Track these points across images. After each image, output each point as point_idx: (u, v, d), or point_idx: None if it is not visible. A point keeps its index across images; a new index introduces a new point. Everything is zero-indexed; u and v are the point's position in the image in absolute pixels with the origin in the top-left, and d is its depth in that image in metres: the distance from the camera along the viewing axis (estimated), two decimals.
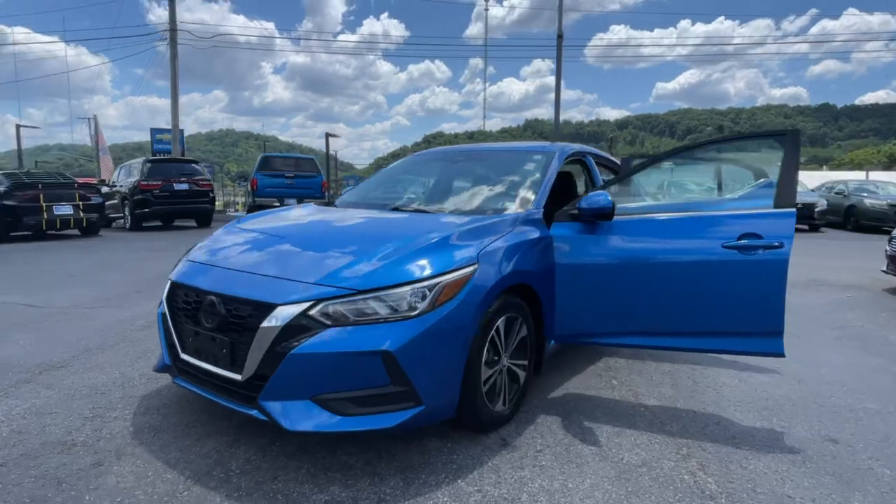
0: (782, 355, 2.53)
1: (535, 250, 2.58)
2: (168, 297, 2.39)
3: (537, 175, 3.09)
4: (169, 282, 2.42)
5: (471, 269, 2.16)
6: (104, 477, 1.95)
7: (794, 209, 2.49)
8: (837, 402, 2.79)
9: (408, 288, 2.01)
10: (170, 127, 20.90)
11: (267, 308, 1.98)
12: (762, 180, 2.98)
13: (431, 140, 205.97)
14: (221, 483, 1.93)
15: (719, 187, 3.48)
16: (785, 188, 2.53)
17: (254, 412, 1.99)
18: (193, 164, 13.48)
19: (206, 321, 2.17)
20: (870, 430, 2.47)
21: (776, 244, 2.44)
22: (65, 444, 2.20)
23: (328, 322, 1.94)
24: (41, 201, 9.97)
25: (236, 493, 1.87)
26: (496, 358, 2.37)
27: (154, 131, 22.37)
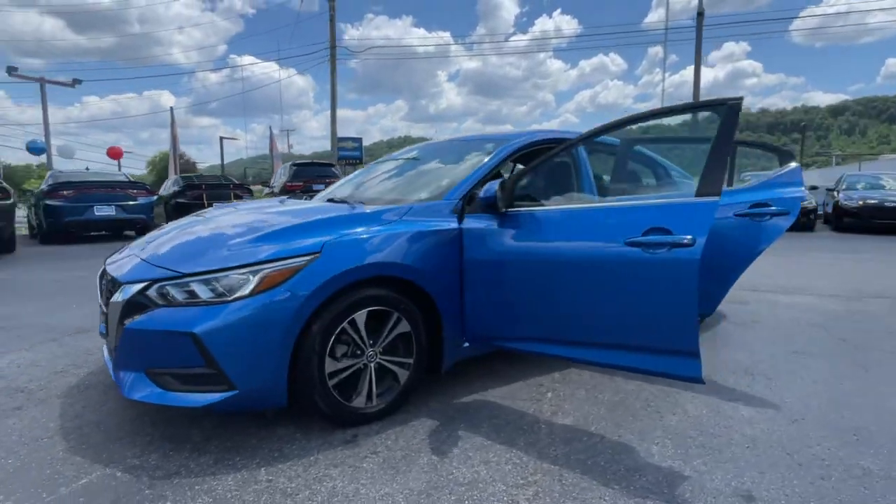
0: (700, 381, 2.03)
1: (426, 242, 2.42)
2: (99, 277, 2.77)
3: (470, 165, 2.89)
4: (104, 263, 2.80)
5: (306, 258, 2.12)
6: (9, 419, 2.36)
7: (717, 199, 1.97)
8: (818, 455, 2.12)
9: (230, 273, 2.06)
10: (353, 135, 23.19)
11: (118, 285, 2.20)
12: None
13: None
14: (78, 437, 2.20)
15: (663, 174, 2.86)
16: (710, 172, 2.01)
17: (115, 378, 2.22)
18: (332, 168, 14.94)
19: (104, 296, 2.48)
20: (820, 495, 1.84)
21: (685, 241, 1.97)
22: (17, 389, 2.69)
23: (161, 302, 2.08)
24: (204, 199, 11.96)
25: (75, 445, 2.12)
26: (358, 352, 2.29)
27: (339, 139, 24.53)
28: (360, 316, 2.25)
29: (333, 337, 2.19)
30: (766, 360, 3.24)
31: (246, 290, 2.03)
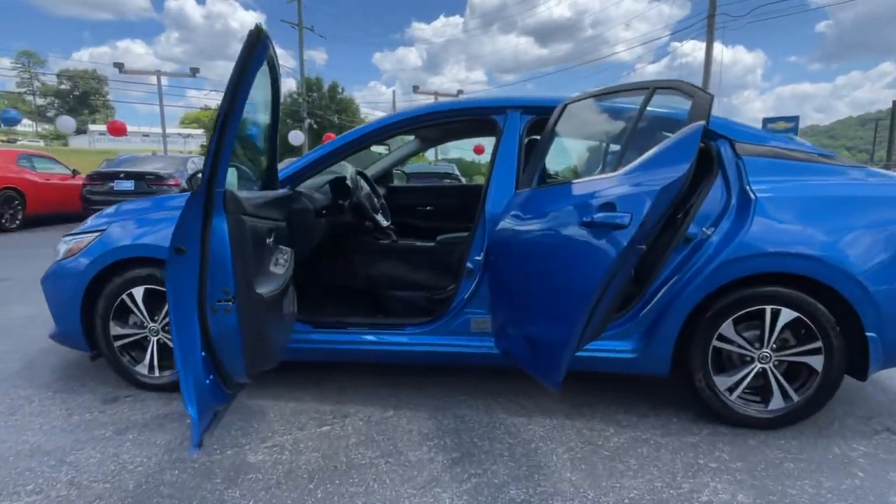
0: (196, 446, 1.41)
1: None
2: None
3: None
4: None
5: (94, 235, 2.49)
6: None
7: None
8: None
9: (66, 239, 2.63)
10: (786, 115, 19.71)
11: None
12: None
13: None
14: None
15: None
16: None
17: None
18: None
19: None
20: None
21: None
22: None
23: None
24: None
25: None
26: (143, 324, 2.50)
27: (766, 120, 21.20)
28: (138, 291, 2.46)
29: (115, 305, 2.48)
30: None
31: (61, 254, 2.58)
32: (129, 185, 8.99)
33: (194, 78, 16.57)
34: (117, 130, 17.05)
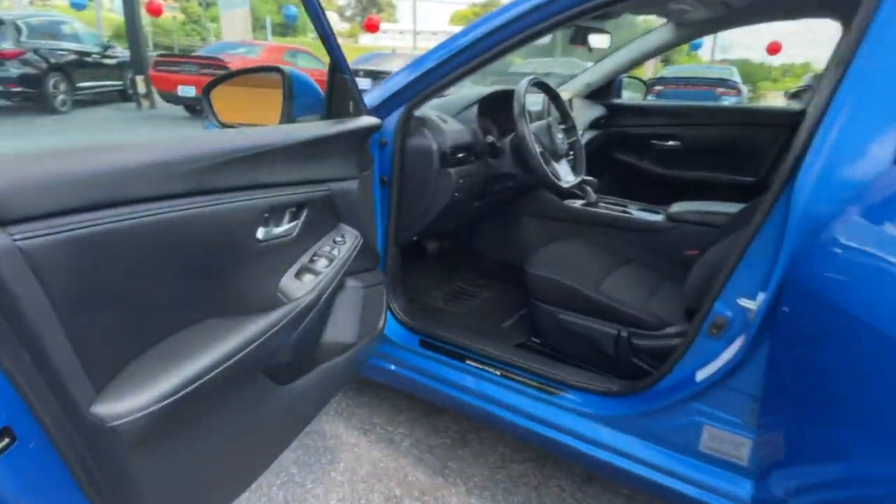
0: None
1: None
2: None
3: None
4: None
5: None
6: None
7: None
8: None
9: None
10: None
11: None
12: None
13: None
14: None
15: None
16: None
17: None
18: None
19: None
20: None
21: None
22: None
23: None
24: None
25: None
26: None
27: None
28: None
29: None
30: None
31: None
32: (364, 84, 9.08)
33: None
34: (371, 27, 18.37)
